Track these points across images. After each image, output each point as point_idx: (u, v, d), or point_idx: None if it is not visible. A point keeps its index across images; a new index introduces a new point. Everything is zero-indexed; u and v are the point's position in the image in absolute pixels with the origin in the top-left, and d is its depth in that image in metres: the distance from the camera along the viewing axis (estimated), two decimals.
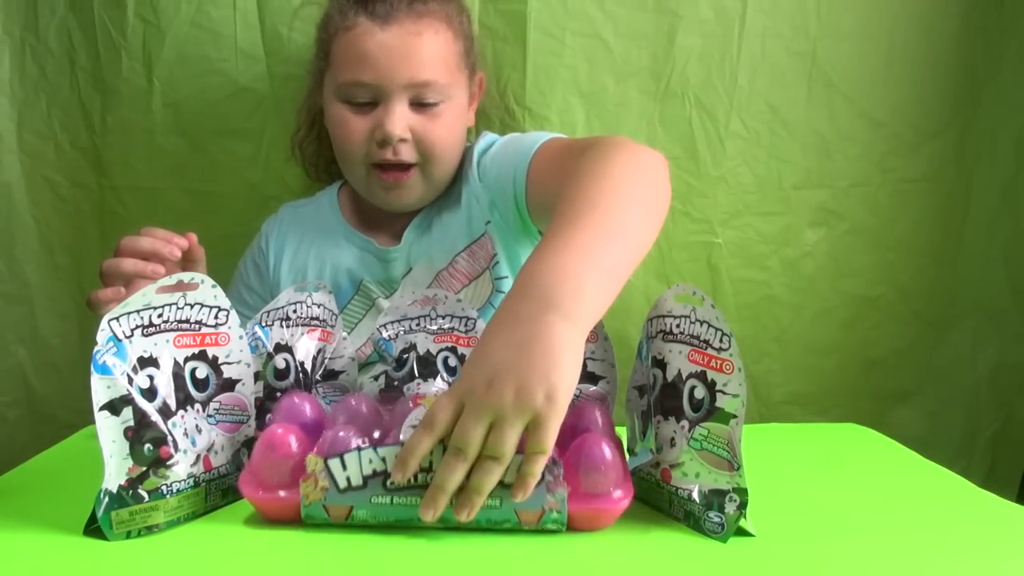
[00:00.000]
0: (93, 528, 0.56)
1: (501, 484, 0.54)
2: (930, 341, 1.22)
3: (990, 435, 1.23)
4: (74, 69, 1.10)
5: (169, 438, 0.59)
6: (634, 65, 1.10)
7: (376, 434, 0.62)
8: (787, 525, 0.59)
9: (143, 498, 0.57)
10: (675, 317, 0.62)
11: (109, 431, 0.56)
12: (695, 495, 0.59)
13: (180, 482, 0.59)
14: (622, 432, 0.69)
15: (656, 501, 0.62)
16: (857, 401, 1.21)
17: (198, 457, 0.61)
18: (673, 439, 0.61)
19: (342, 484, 0.55)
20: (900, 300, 1.20)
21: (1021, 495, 1.20)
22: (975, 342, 1.22)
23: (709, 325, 0.59)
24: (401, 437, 0.57)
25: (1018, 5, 1.13)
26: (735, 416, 0.57)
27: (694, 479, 0.59)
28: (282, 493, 0.57)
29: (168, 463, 0.58)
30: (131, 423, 0.57)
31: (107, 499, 0.56)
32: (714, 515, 0.57)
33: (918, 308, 1.21)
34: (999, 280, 1.20)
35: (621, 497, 0.57)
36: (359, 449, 0.55)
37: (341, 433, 0.58)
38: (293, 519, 0.57)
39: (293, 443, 0.59)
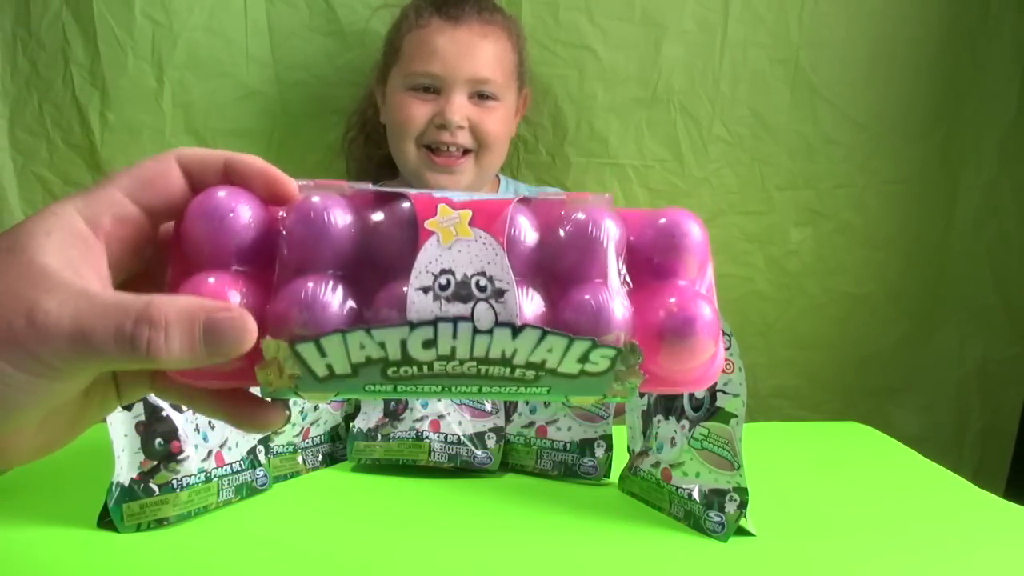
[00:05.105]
0: (107, 521, 0.56)
1: (553, 373, 0.36)
2: (918, 338, 1.24)
3: (978, 430, 1.26)
4: (68, 64, 1.07)
5: (180, 433, 0.59)
6: (622, 74, 1.13)
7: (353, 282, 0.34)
8: (787, 524, 0.59)
9: (154, 492, 0.57)
10: None
11: (120, 426, 0.57)
12: (695, 494, 0.59)
13: (191, 476, 0.59)
14: (622, 431, 0.69)
15: (656, 501, 0.62)
16: (847, 397, 1.23)
17: (210, 452, 0.61)
18: (673, 439, 0.62)
19: (320, 372, 0.33)
20: (888, 298, 1.22)
21: (1008, 488, 1.22)
22: (962, 339, 1.24)
23: None
24: (411, 309, 0.32)
25: (1002, 10, 1.15)
26: (735, 416, 0.58)
27: (694, 478, 0.59)
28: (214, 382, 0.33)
29: (179, 458, 0.58)
30: (142, 418, 0.58)
31: (118, 492, 0.56)
32: (714, 514, 0.57)
33: (906, 306, 1.23)
34: (985, 278, 1.22)
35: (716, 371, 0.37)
36: (343, 332, 0.32)
37: (311, 284, 0.33)
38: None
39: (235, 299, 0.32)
